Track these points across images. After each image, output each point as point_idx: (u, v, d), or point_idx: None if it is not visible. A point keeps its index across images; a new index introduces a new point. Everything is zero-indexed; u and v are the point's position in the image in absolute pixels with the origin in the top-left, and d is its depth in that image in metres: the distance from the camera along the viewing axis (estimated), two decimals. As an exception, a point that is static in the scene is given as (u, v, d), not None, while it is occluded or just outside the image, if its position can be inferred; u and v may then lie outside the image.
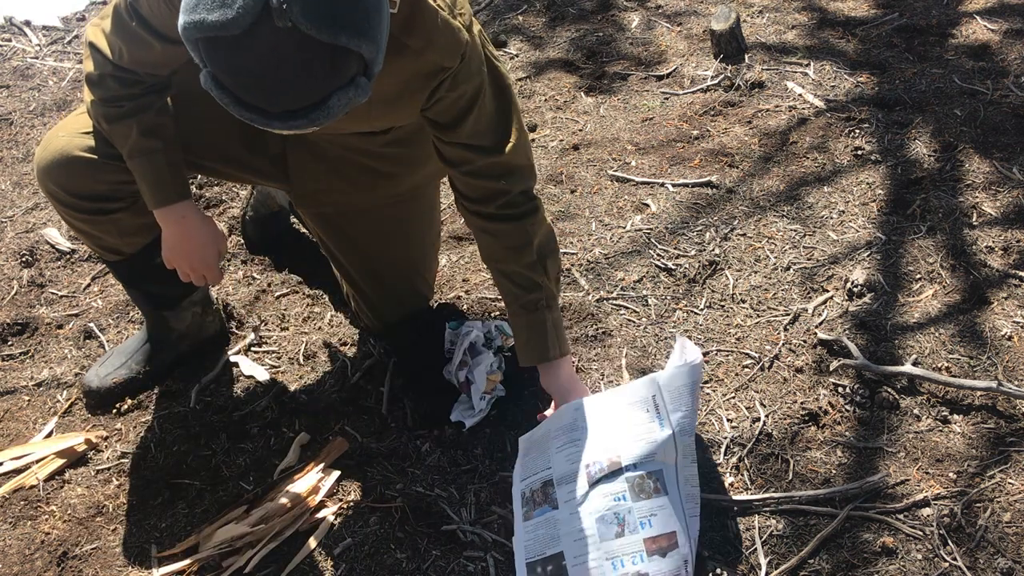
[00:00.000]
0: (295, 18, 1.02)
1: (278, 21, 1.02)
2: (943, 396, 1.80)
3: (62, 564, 1.65)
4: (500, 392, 1.88)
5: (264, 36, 1.03)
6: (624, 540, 1.52)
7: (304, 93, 1.09)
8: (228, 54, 1.06)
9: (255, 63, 1.06)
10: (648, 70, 2.94)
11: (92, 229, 1.73)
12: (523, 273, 1.64)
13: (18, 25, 3.43)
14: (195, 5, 1.04)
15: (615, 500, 1.55)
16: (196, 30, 1.05)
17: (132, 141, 1.55)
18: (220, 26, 1.03)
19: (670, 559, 1.49)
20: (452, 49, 1.42)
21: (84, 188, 1.65)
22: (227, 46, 1.05)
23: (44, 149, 1.66)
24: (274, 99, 1.09)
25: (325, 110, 1.10)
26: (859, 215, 2.27)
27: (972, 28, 2.94)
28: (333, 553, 1.62)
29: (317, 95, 1.09)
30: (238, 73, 1.07)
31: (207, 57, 1.08)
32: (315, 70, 1.07)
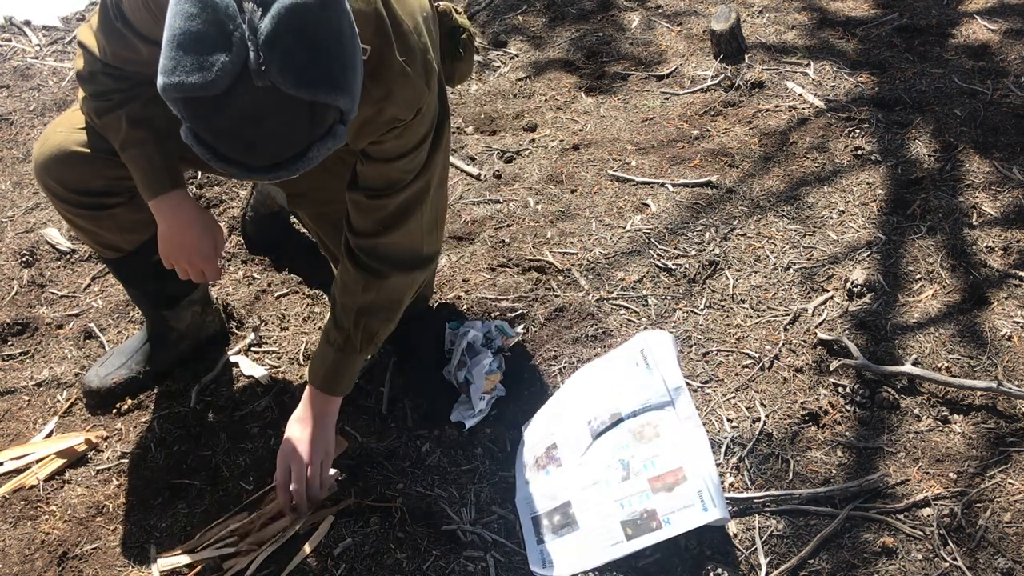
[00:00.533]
0: (273, 78, 1.03)
1: (257, 81, 1.03)
2: (943, 396, 1.80)
3: (62, 564, 1.65)
4: (500, 392, 1.88)
5: (243, 95, 1.04)
6: (629, 483, 1.58)
7: (285, 147, 1.10)
8: (208, 114, 1.07)
9: (235, 122, 1.07)
10: (648, 70, 2.94)
11: (90, 225, 1.73)
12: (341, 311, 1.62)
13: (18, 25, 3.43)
14: (174, 68, 1.05)
15: (619, 448, 1.64)
16: (175, 91, 1.06)
17: (123, 133, 1.54)
18: (200, 88, 1.03)
19: (678, 493, 1.53)
20: (410, 104, 1.42)
21: (82, 183, 1.65)
22: (207, 106, 1.06)
23: (42, 145, 1.66)
24: (255, 154, 1.10)
25: (306, 161, 1.12)
26: (859, 215, 2.27)
27: (972, 28, 2.94)
28: (333, 553, 1.62)
29: (297, 147, 1.11)
30: (219, 132, 1.08)
31: (187, 116, 1.09)
32: (295, 125, 1.09)
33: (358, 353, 1.64)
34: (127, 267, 1.85)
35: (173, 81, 1.05)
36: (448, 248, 2.31)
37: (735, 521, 1.62)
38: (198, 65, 1.03)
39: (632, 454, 1.62)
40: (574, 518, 1.60)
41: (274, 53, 1.02)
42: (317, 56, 1.05)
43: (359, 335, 1.61)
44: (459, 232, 2.36)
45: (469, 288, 2.17)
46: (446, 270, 2.23)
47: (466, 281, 2.20)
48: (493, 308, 2.10)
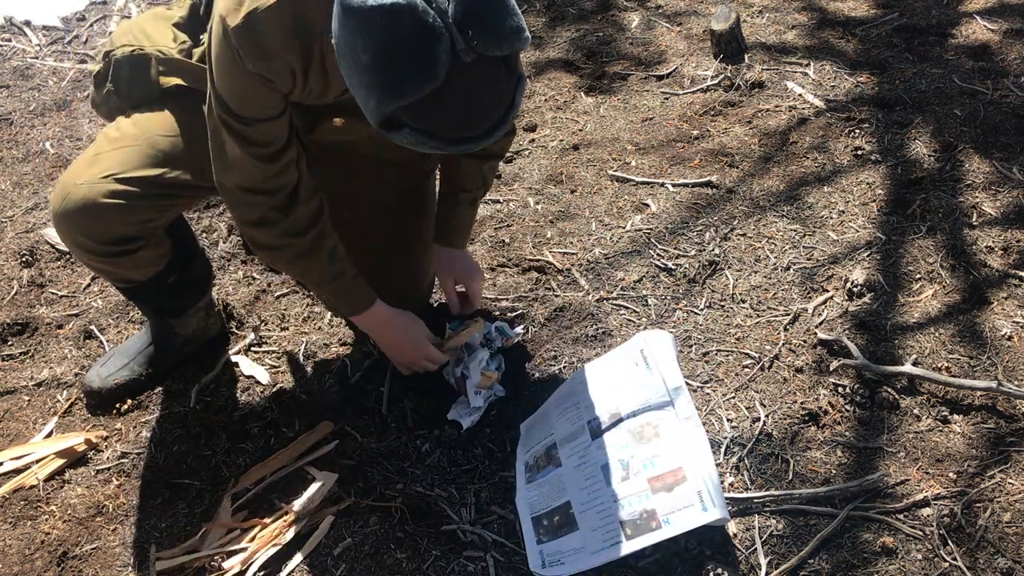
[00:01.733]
0: (479, 49, 1.10)
1: (466, 57, 1.10)
2: (943, 396, 1.80)
3: (62, 564, 1.65)
4: (500, 392, 1.88)
5: (459, 76, 1.12)
6: (629, 483, 1.58)
7: (501, 105, 1.20)
8: (434, 107, 1.14)
9: (459, 103, 1.15)
10: (648, 70, 2.94)
11: (112, 268, 1.72)
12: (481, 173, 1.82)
13: (18, 25, 3.43)
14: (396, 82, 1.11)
15: (618, 448, 1.64)
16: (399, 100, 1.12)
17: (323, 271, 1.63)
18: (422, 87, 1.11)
19: (678, 493, 1.53)
20: None
21: (112, 233, 1.63)
22: (429, 101, 1.13)
23: (64, 199, 1.61)
24: (480, 123, 1.19)
25: (515, 108, 1.21)
26: (859, 215, 2.27)
27: (972, 28, 2.94)
28: (333, 553, 1.62)
29: (508, 100, 1.20)
30: (447, 119, 1.16)
31: (414, 118, 1.16)
32: (501, 82, 1.18)
33: None
34: (139, 293, 1.85)
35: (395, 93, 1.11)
36: (448, 248, 2.31)
37: (735, 521, 1.62)
38: (416, 67, 1.09)
39: (632, 454, 1.62)
40: (574, 518, 1.60)
41: (471, 26, 1.09)
42: (499, 13, 1.12)
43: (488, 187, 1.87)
44: (459, 232, 2.36)
45: (469, 288, 2.17)
46: (446, 270, 2.23)
47: (466, 281, 2.20)
48: (493, 308, 2.10)
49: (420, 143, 1.18)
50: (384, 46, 1.09)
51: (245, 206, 1.53)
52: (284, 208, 1.54)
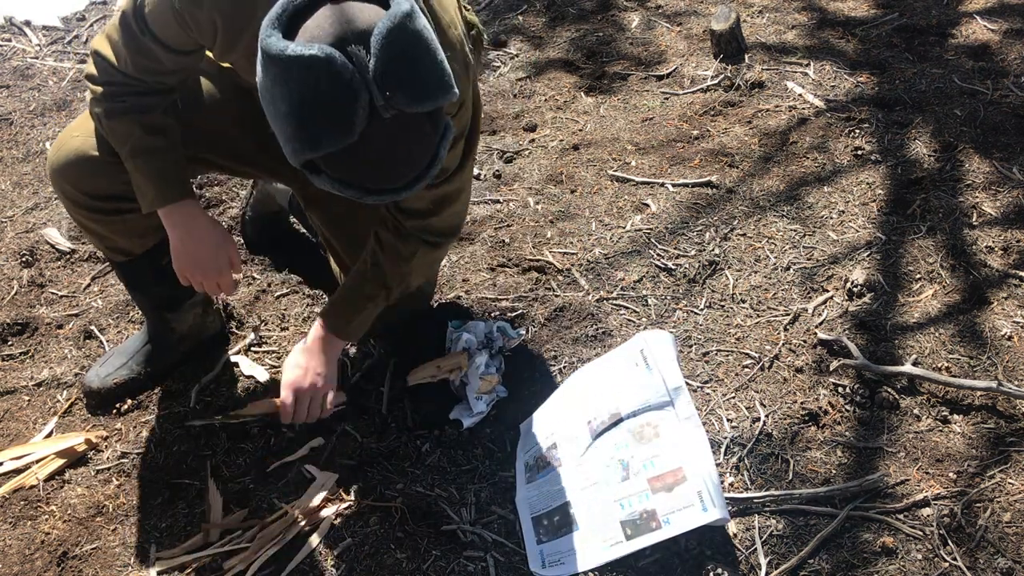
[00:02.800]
0: (398, 105, 1.09)
1: (384, 113, 1.09)
2: (943, 396, 1.80)
3: (62, 564, 1.65)
4: (502, 393, 1.88)
5: (376, 133, 1.11)
6: (629, 483, 1.58)
7: (422, 159, 1.18)
8: (348, 160, 1.13)
9: (376, 158, 1.14)
10: (648, 70, 2.94)
11: (103, 229, 1.72)
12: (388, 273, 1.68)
13: (18, 25, 3.43)
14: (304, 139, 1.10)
15: (618, 448, 1.64)
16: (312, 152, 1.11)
17: (135, 139, 1.53)
18: (337, 142, 1.09)
19: (678, 493, 1.53)
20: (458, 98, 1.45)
21: (100, 188, 1.65)
22: (346, 155, 1.12)
23: (58, 149, 1.65)
24: (399, 176, 1.18)
25: (437, 161, 1.19)
26: (859, 215, 2.27)
27: (972, 28, 2.94)
28: (333, 553, 1.62)
29: (431, 153, 1.19)
30: (363, 170, 1.15)
31: (330, 168, 1.15)
32: (425, 136, 1.16)
33: (389, 306, 1.73)
34: (134, 270, 1.84)
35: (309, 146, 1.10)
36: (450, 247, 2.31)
37: (735, 521, 1.62)
38: (332, 123, 1.08)
39: (632, 454, 1.62)
40: (574, 518, 1.60)
41: (391, 83, 1.07)
42: (423, 68, 1.11)
43: (399, 292, 1.71)
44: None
45: (469, 288, 2.17)
46: (446, 270, 2.23)
47: (466, 281, 2.20)
48: (493, 308, 2.10)
49: (338, 191, 1.17)
50: (301, 100, 1.08)
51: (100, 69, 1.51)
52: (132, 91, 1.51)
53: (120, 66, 1.48)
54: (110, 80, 1.51)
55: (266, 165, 1.80)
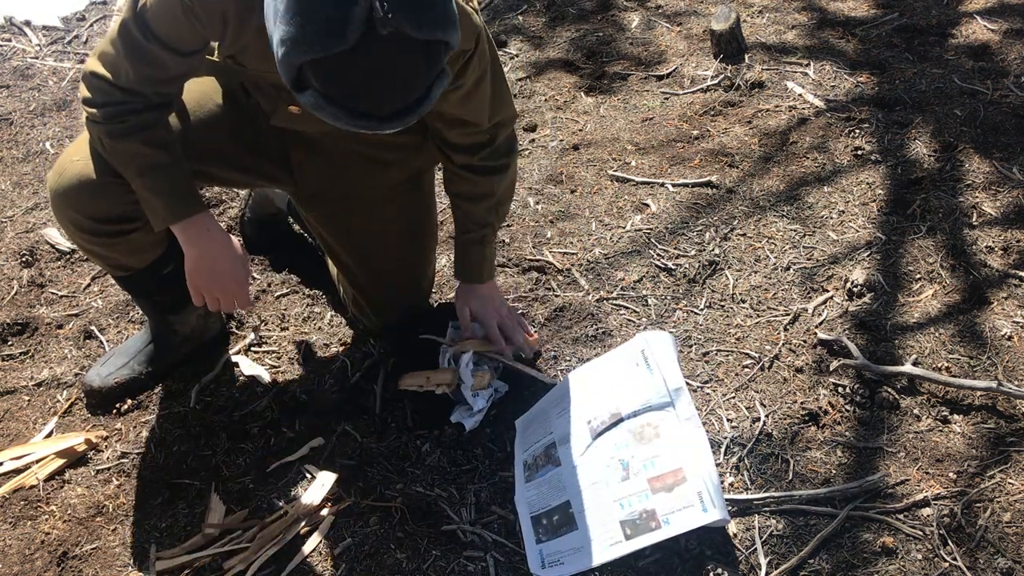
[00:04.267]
0: (398, 23, 1.07)
1: (382, 29, 1.07)
2: (943, 396, 1.80)
3: (62, 564, 1.65)
4: (503, 389, 1.88)
5: (371, 45, 1.08)
6: (629, 483, 1.59)
7: (411, 91, 1.16)
8: (338, 71, 1.11)
9: (366, 74, 1.11)
10: (648, 70, 2.94)
11: (104, 251, 1.70)
12: (479, 214, 1.82)
13: (18, 25, 3.43)
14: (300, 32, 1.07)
15: (618, 448, 1.64)
16: (306, 54, 1.09)
17: (140, 158, 1.51)
18: (332, 44, 1.07)
19: (678, 493, 1.53)
20: (470, 33, 1.46)
21: (106, 211, 1.62)
22: (336, 63, 1.10)
23: (60, 176, 1.62)
24: (386, 102, 1.15)
25: (428, 101, 1.17)
26: (859, 215, 2.27)
27: (972, 28, 2.94)
28: (333, 553, 1.62)
29: (421, 89, 1.16)
30: (351, 87, 1.13)
31: (316, 77, 1.12)
32: (418, 68, 1.14)
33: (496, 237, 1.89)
34: (135, 283, 1.84)
35: (301, 46, 1.08)
36: (448, 248, 2.31)
37: (735, 521, 1.62)
38: (327, 24, 1.06)
39: (632, 454, 1.62)
40: (573, 518, 1.60)
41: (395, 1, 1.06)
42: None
43: (499, 221, 1.86)
44: (459, 232, 2.36)
45: (469, 288, 2.17)
46: (446, 270, 2.23)
47: (466, 281, 2.20)
48: (493, 308, 2.10)
49: (320, 107, 1.14)
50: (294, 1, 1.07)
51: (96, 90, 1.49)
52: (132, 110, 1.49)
53: (119, 81, 1.46)
54: (108, 100, 1.48)
55: (261, 171, 1.80)
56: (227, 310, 1.67)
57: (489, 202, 1.81)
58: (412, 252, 1.95)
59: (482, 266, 1.87)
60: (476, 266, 1.87)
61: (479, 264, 1.87)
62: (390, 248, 1.90)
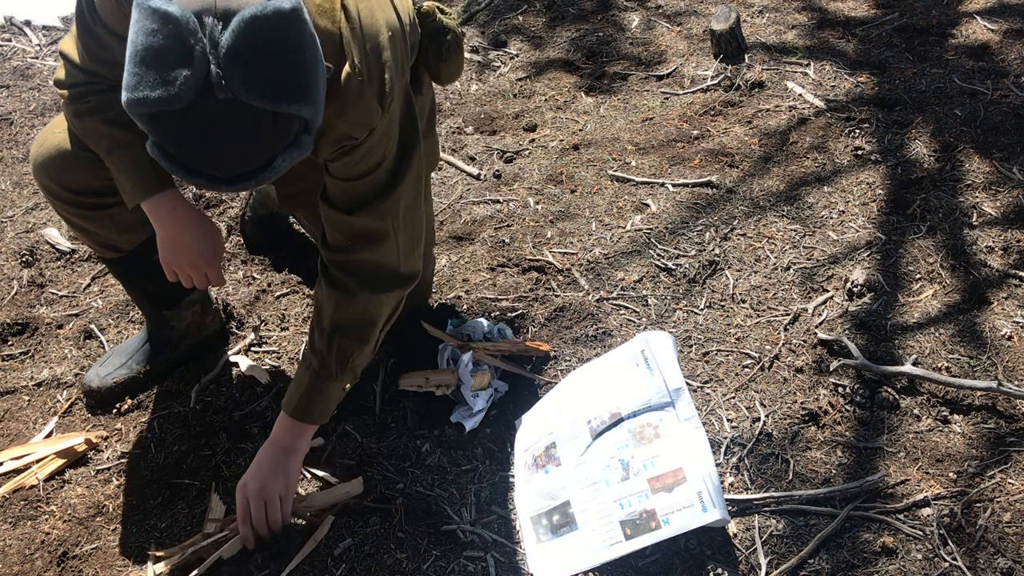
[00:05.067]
0: (235, 90, 1.03)
1: (219, 93, 1.04)
2: (943, 396, 1.80)
3: (62, 564, 1.65)
4: (503, 388, 1.88)
5: (207, 108, 1.05)
6: (629, 483, 1.59)
7: (250, 158, 1.11)
8: (173, 128, 1.07)
9: (200, 135, 1.07)
10: (648, 70, 2.94)
11: (89, 225, 1.73)
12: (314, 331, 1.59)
13: (18, 25, 3.43)
14: (137, 83, 1.05)
15: (618, 448, 1.64)
16: (139, 106, 1.06)
17: (107, 136, 1.51)
18: (163, 102, 1.04)
19: (678, 493, 1.54)
20: (362, 123, 1.40)
21: (80, 183, 1.65)
22: (172, 120, 1.06)
23: (40, 145, 1.66)
24: (221, 166, 1.11)
25: (271, 171, 1.12)
26: (859, 215, 2.27)
27: (972, 28, 2.94)
28: (333, 553, 1.62)
29: (263, 158, 1.11)
30: (185, 145, 1.09)
31: (152, 130, 1.09)
32: (259, 136, 1.09)
33: (334, 379, 1.57)
34: (126, 267, 1.85)
35: (137, 96, 1.05)
36: (448, 248, 2.31)
37: (735, 521, 1.62)
38: (161, 80, 1.03)
39: (632, 454, 1.62)
40: (573, 518, 1.60)
41: (236, 66, 1.02)
42: (278, 67, 1.05)
43: (333, 358, 1.56)
44: (459, 232, 2.36)
45: (469, 288, 2.17)
46: (446, 270, 2.23)
47: (466, 281, 2.20)
48: (493, 308, 2.10)
49: (159, 158, 1.12)
50: (142, 49, 1.04)
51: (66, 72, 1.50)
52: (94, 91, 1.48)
53: (81, 63, 1.48)
54: (74, 82, 1.50)
55: None
56: (200, 286, 1.65)
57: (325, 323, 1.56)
58: None
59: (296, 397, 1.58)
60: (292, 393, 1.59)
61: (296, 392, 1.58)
62: None
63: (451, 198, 2.49)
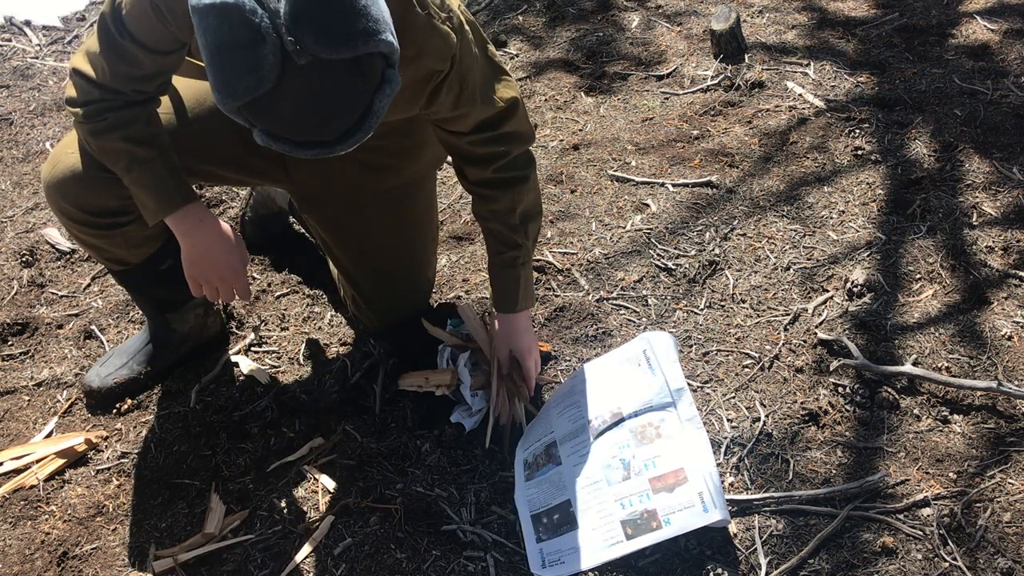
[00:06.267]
0: (312, 50, 1.05)
1: (300, 60, 1.06)
2: (943, 396, 1.80)
3: (62, 564, 1.65)
4: None
5: (294, 78, 1.07)
6: (630, 483, 1.59)
7: (350, 111, 1.13)
8: (271, 108, 1.10)
9: (298, 105, 1.10)
10: (648, 70, 2.94)
11: (100, 242, 1.71)
12: (506, 233, 1.73)
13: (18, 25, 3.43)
14: (222, 85, 1.08)
15: (619, 448, 1.64)
16: (234, 101, 1.09)
17: (125, 154, 1.51)
18: (252, 88, 1.07)
19: (679, 493, 1.54)
20: (443, 54, 1.43)
21: (98, 204, 1.63)
22: (266, 103, 1.09)
23: (54, 167, 1.63)
24: (327, 128, 1.13)
25: (373, 115, 1.15)
26: (859, 215, 2.27)
27: (972, 28, 2.94)
28: (333, 553, 1.62)
29: (362, 105, 1.14)
30: (288, 122, 1.12)
31: (254, 119, 1.12)
32: (351, 86, 1.11)
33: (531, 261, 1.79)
34: (134, 278, 1.84)
35: (228, 94, 1.08)
36: (448, 248, 2.31)
37: (735, 521, 1.62)
38: (243, 70, 1.06)
39: (633, 454, 1.62)
40: (574, 517, 1.60)
41: (302, 28, 1.04)
42: (342, 13, 1.07)
43: (531, 242, 1.75)
44: (459, 232, 2.36)
45: (469, 288, 2.17)
46: (446, 270, 2.23)
47: (466, 281, 2.20)
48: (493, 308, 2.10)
49: (268, 143, 1.14)
50: (216, 47, 1.06)
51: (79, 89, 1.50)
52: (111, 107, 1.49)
53: (99, 78, 1.46)
54: (88, 99, 1.49)
55: (260, 170, 1.79)
56: (226, 300, 1.66)
57: (512, 219, 1.72)
58: (410, 254, 1.95)
59: (515, 293, 1.76)
60: (510, 293, 1.76)
61: (512, 291, 1.76)
62: (387, 250, 1.90)
63: (451, 198, 2.49)
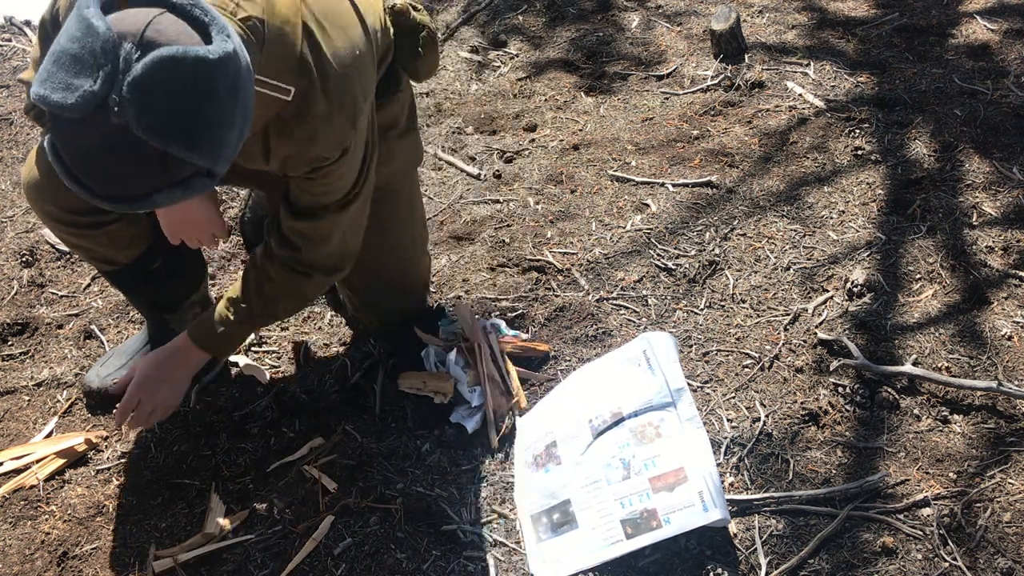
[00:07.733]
0: (127, 119, 1.03)
1: (113, 118, 1.04)
2: (943, 396, 1.80)
3: (62, 564, 1.65)
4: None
5: (98, 127, 1.05)
6: (630, 482, 1.59)
7: (130, 186, 1.10)
8: (67, 134, 1.08)
9: (88, 149, 1.07)
10: (648, 70, 2.94)
11: (85, 243, 1.71)
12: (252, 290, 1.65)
13: (18, 25, 3.43)
14: (45, 79, 1.06)
15: (619, 447, 1.64)
16: (41, 102, 1.06)
17: None
18: (60, 107, 1.04)
19: (679, 492, 1.54)
20: (336, 144, 1.44)
21: (76, 202, 1.62)
22: (67, 126, 1.07)
23: (30, 169, 1.64)
24: (101, 184, 1.10)
25: (149, 203, 1.12)
26: (859, 215, 2.27)
27: (972, 28, 2.94)
28: (333, 553, 1.62)
29: (143, 189, 1.11)
30: (73, 153, 1.09)
31: (50, 128, 1.10)
32: (144, 168, 1.08)
33: (255, 327, 1.73)
34: (124, 278, 1.84)
35: (40, 93, 1.06)
36: (448, 248, 2.31)
37: (735, 521, 1.62)
38: (64, 85, 1.04)
39: (633, 453, 1.62)
40: (574, 516, 1.60)
41: (135, 96, 1.02)
42: (178, 111, 1.05)
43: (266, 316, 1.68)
44: (459, 232, 2.36)
45: (469, 288, 2.17)
46: (446, 270, 2.23)
47: (466, 281, 2.20)
48: (493, 308, 2.10)
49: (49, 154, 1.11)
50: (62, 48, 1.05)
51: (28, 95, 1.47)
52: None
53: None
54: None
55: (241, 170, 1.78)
56: (208, 246, 1.71)
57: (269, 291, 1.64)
58: (394, 256, 1.92)
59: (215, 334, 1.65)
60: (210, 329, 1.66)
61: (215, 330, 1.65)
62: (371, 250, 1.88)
63: (451, 198, 2.49)
